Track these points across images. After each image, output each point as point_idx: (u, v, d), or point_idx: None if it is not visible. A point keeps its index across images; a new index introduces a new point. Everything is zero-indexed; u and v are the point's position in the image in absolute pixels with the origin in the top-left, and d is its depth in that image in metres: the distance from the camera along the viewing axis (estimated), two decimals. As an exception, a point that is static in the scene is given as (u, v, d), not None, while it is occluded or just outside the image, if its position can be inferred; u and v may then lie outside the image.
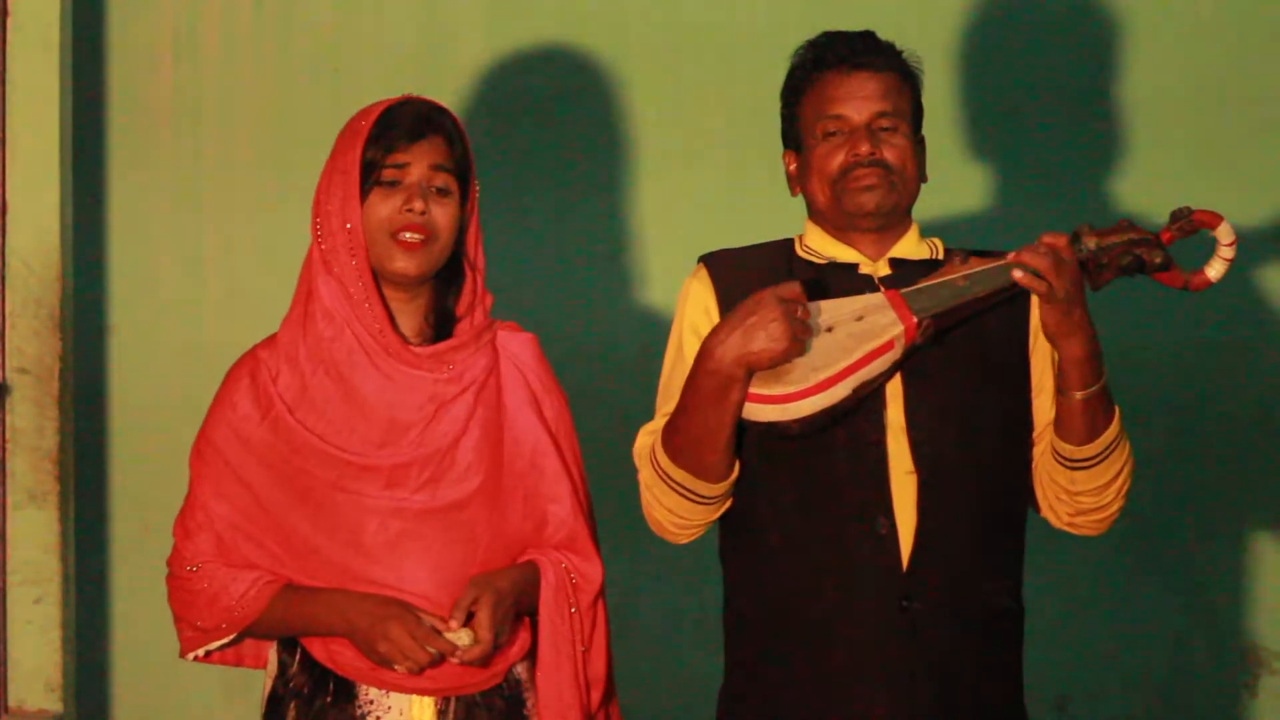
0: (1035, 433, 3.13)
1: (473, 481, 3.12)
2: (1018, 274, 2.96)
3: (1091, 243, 3.03)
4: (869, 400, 3.04)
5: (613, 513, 3.45)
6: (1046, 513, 3.15)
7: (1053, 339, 3.01)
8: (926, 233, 3.20)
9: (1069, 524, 3.15)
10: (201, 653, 3.18)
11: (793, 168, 3.20)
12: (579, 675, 3.15)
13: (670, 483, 3.05)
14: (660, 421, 3.12)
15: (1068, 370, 3.02)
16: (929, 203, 3.33)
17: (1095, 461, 3.05)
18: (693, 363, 3.02)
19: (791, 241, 3.21)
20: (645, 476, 3.10)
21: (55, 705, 4.19)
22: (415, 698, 3.10)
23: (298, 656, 3.13)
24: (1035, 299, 3.10)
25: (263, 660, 3.21)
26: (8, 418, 4.21)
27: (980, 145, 4.61)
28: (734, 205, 4.61)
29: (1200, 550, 4.71)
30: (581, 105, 4.64)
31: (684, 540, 3.15)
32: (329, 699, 3.11)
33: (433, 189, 3.10)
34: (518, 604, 3.12)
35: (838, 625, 3.07)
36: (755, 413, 2.99)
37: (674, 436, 3.04)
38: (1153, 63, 4.69)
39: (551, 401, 3.23)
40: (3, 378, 4.21)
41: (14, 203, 4.23)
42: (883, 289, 3.09)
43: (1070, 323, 2.99)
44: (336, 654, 3.10)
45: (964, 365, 3.09)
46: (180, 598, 3.16)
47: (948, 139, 4.56)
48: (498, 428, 3.16)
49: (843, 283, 3.11)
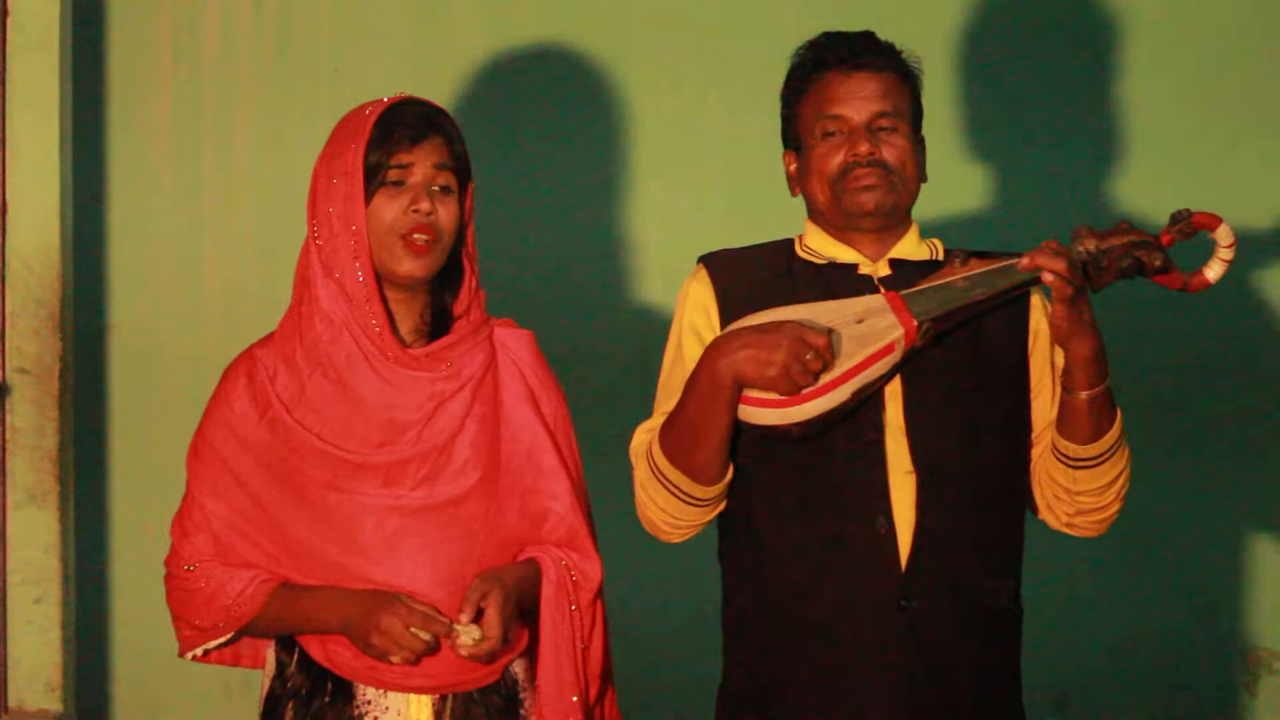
0: (1034, 434, 3.13)
1: (470, 477, 3.11)
2: (1048, 277, 2.95)
3: (1091, 245, 3.03)
4: (868, 401, 3.04)
5: (612, 511, 3.45)
6: (1045, 513, 3.15)
7: (1063, 339, 3.01)
8: (926, 233, 3.20)
9: (1068, 524, 3.14)
10: (200, 652, 3.18)
11: (792, 168, 3.20)
12: (579, 673, 3.15)
13: (665, 482, 3.06)
14: (658, 420, 3.12)
15: (1075, 370, 3.02)
16: (929, 203, 3.33)
17: (1098, 461, 3.05)
18: (696, 363, 3.03)
19: (791, 242, 3.21)
20: (640, 475, 3.10)
21: (55, 705, 4.19)
22: (413, 697, 3.09)
23: (295, 656, 3.13)
24: (1034, 300, 3.11)
25: (261, 660, 3.21)
26: (8, 418, 4.21)
27: (980, 145, 4.61)
28: (734, 205, 4.60)
29: (1200, 550, 4.70)
30: (581, 105, 4.63)
31: (676, 539, 3.15)
32: (327, 699, 3.10)
33: (436, 188, 3.11)
34: (519, 602, 3.12)
35: (837, 625, 3.06)
36: (755, 416, 3.00)
37: (671, 435, 3.04)
38: (1153, 63, 4.69)
39: (549, 398, 3.22)
40: (3, 378, 4.21)
41: (14, 203, 4.23)
42: (883, 291, 3.09)
43: (1080, 323, 2.98)
44: (334, 654, 3.09)
45: (963, 366, 3.09)
46: (178, 597, 3.16)
47: (948, 139, 4.55)
48: (495, 424, 3.15)
49: (842, 283, 3.11)
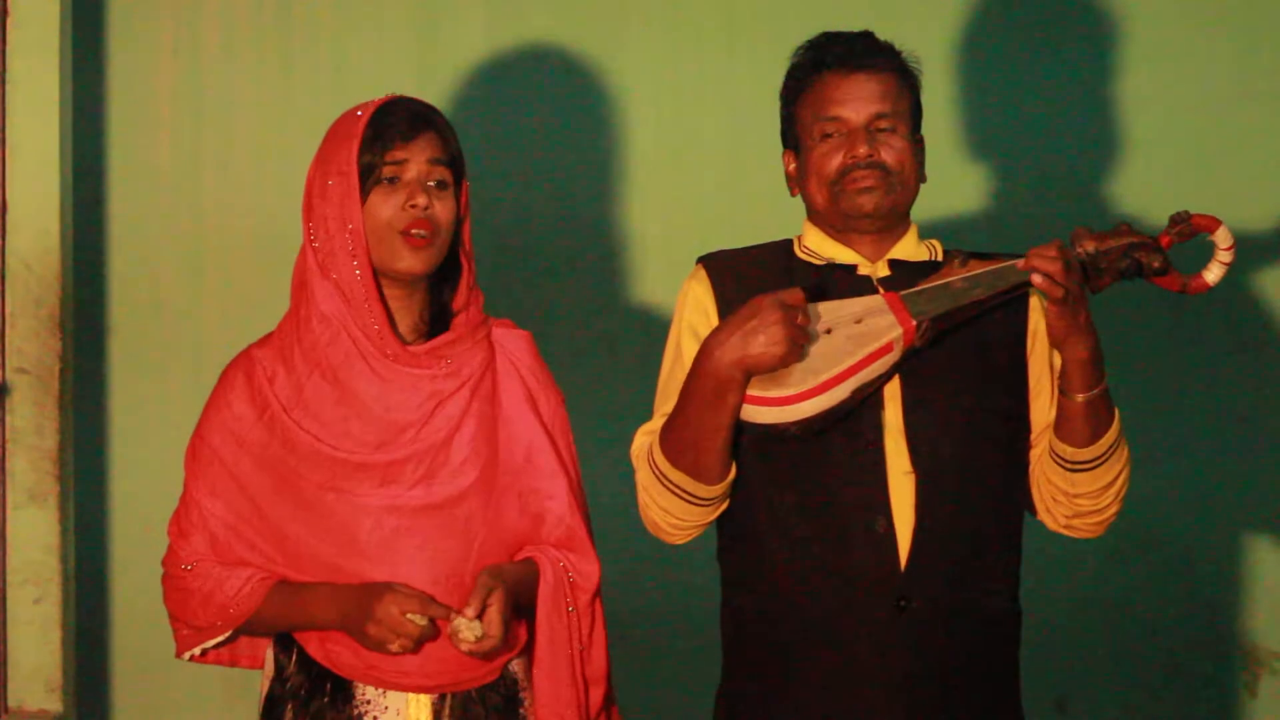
0: (1033, 435, 3.13)
1: (468, 477, 3.11)
2: (1037, 279, 2.95)
3: (1090, 246, 3.03)
4: (867, 401, 3.04)
5: (611, 512, 3.45)
6: (1043, 515, 3.15)
7: (1059, 341, 3.00)
8: (925, 233, 3.20)
9: (1065, 526, 3.14)
10: (198, 651, 3.18)
11: (791, 168, 3.20)
12: (576, 674, 3.15)
13: (667, 483, 3.05)
14: (658, 422, 3.12)
15: (1071, 372, 3.01)
16: (928, 203, 3.33)
17: (1095, 464, 3.05)
18: (692, 364, 3.03)
19: (790, 242, 3.21)
20: (642, 477, 3.10)
21: (55, 705, 4.19)
22: (412, 696, 3.10)
23: (294, 657, 3.13)
24: (1033, 301, 3.11)
25: (259, 660, 3.21)
26: (8, 418, 4.21)
27: (979, 146, 4.61)
28: (733, 205, 4.60)
29: (1200, 550, 4.70)
30: (581, 104, 4.63)
31: (679, 541, 3.15)
32: (326, 699, 3.11)
33: (431, 183, 3.11)
34: (516, 600, 3.12)
35: (836, 625, 3.07)
36: (754, 415, 3.00)
37: (671, 437, 3.04)
38: (1152, 63, 4.69)
39: (547, 398, 3.23)
40: (3, 378, 4.21)
41: (14, 203, 4.23)
42: (882, 291, 3.09)
43: (1076, 325, 2.98)
44: (333, 653, 3.09)
45: (962, 367, 3.09)
46: (175, 597, 3.16)
47: (947, 139, 4.55)
48: (493, 424, 3.16)
49: (842, 284, 3.11)
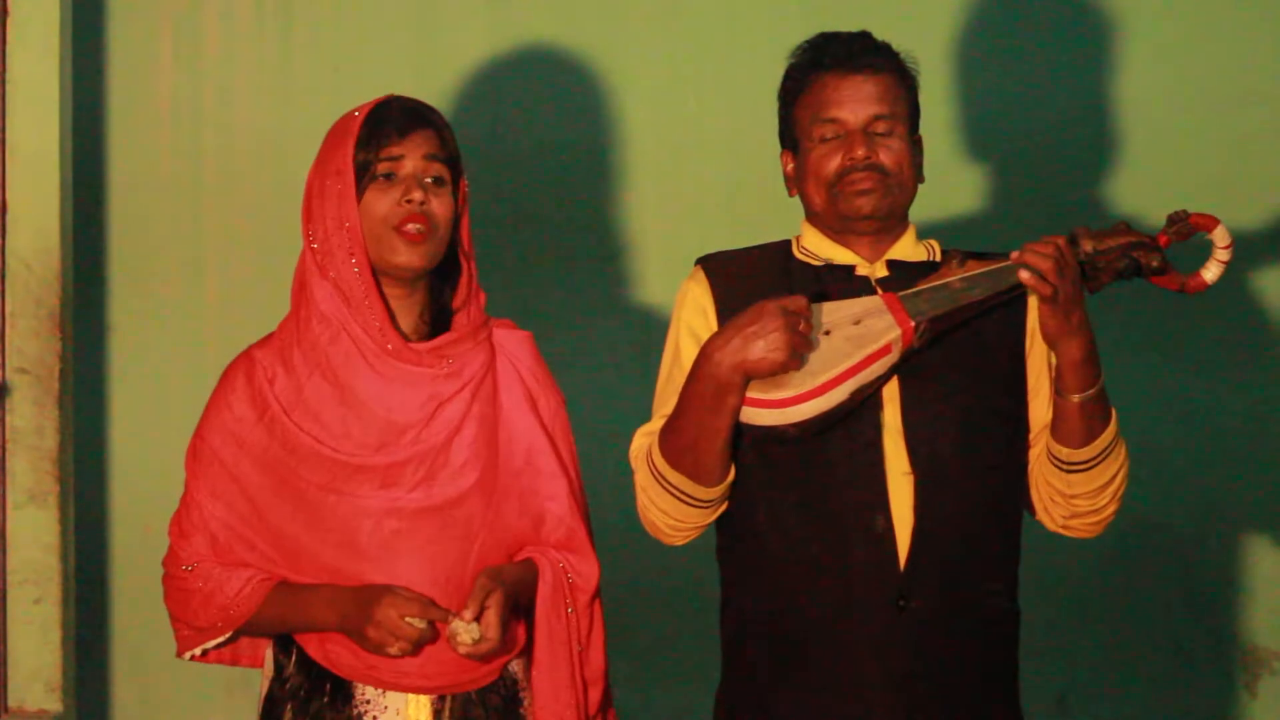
0: (1031, 434, 3.13)
1: (468, 479, 3.11)
2: (1024, 274, 2.96)
3: (1089, 246, 3.03)
4: (866, 402, 3.04)
5: (611, 513, 3.45)
6: (1042, 515, 3.15)
7: (1052, 341, 3.00)
8: (924, 234, 3.19)
9: (1063, 526, 3.14)
10: (198, 651, 3.19)
11: (789, 168, 3.20)
12: (575, 675, 3.16)
13: (666, 485, 3.05)
14: (657, 423, 3.12)
15: (1066, 373, 3.01)
16: (926, 203, 3.32)
17: (1091, 465, 3.05)
18: (692, 366, 3.03)
19: (789, 243, 3.20)
20: (641, 478, 3.10)
21: (55, 705, 4.19)
22: (412, 697, 3.10)
23: (294, 657, 3.13)
24: (1032, 301, 3.10)
25: (260, 659, 3.21)
26: (8, 418, 4.21)
27: (977, 146, 4.61)
28: (733, 206, 4.60)
29: (1200, 550, 4.70)
30: (580, 106, 4.63)
31: (678, 542, 3.15)
32: (325, 699, 3.11)
33: (428, 180, 3.11)
34: (514, 602, 3.12)
35: (836, 625, 3.06)
36: (753, 417, 2.99)
37: (671, 439, 3.04)
38: (1150, 63, 4.68)
39: (547, 399, 3.23)
40: (3, 378, 4.21)
41: (14, 203, 4.22)
42: (880, 292, 3.09)
43: (1070, 325, 2.98)
44: (333, 654, 3.10)
45: (960, 367, 3.09)
46: (176, 597, 3.16)
47: (944, 139, 4.55)
48: (494, 425, 3.16)
49: (840, 284, 3.11)
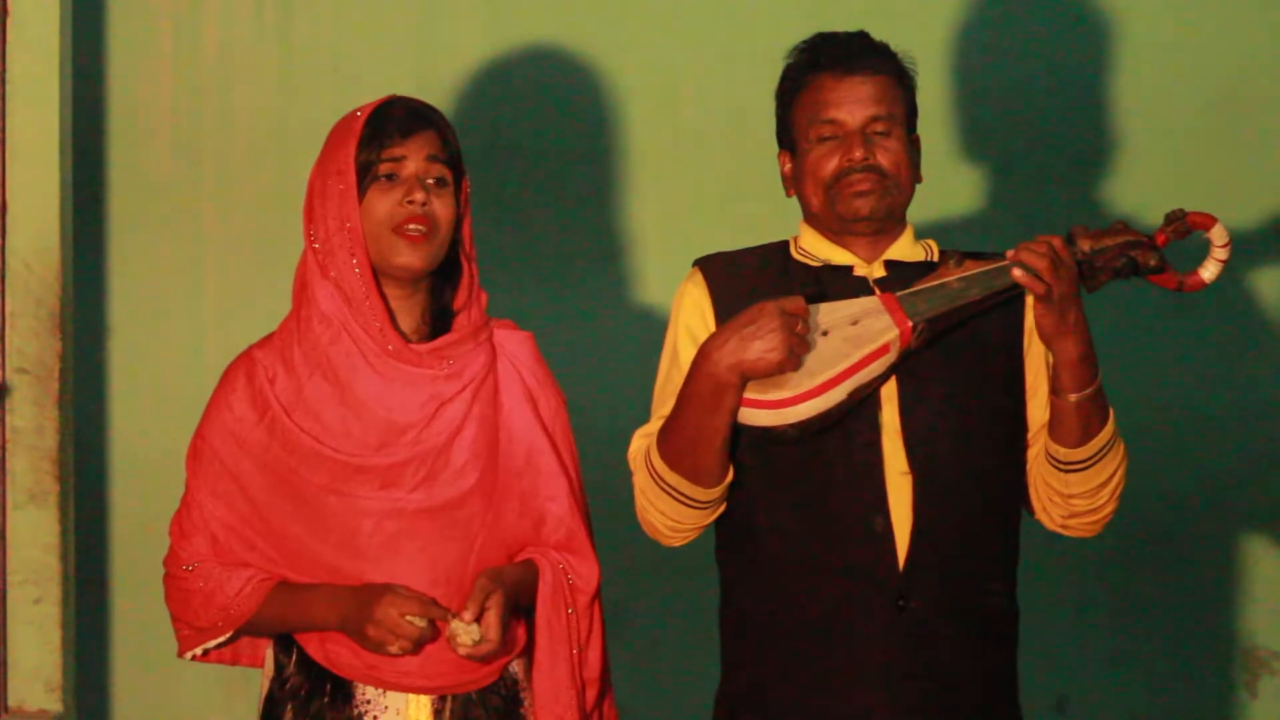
0: (1030, 434, 3.13)
1: (469, 479, 3.12)
2: (1017, 273, 2.96)
3: (1086, 245, 3.03)
4: (864, 402, 3.04)
5: (611, 513, 3.45)
6: (1040, 514, 3.15)
7: (1048, 341, 3.00)
8: (921, 234, 3.19)
9: (1062, 526, 3.14)
10: (199, 651, 3.19)
11: (787, 168, 3.20)
12: (575, 675, 3.16)
13: (664, 486, 3.05)
14: (655, 425, 3.12)
15: (1062, 372, 3.01)
16: (923, 204, 3.32)
17: (1089, 464, 3.05)
18: (690, 366, 3.03)
19: (786, 244, 3.20)
20: (640, 480, 3.10)
21: (55, 705, 4.19)
22: (412, 697, 3.10)
23: (294, 657, 3.13)
24: (1030, 300, 3.10)
25: (260, 659, 3.22)
26: (8, 418, 4.21)
27: (975, 145, 4.60)
28: (733, 206, 4.60)
29: (1200, 550, 4.70)
30: (580, 106, 4.63)
31: (677, 543, 3.15)
32: (326, 699, 3.11)
33: (430, 181, 3.11)
34: (515, 602, 3.12)
35: (835, 625, 3.07)
36: (751, 417, 3.00)
37: (669, 440, 3.04)
38: (1148, 63, 4.68)
39: (548, 400, 3.23)
40: (3, 378, 4.21)
41: (14, 203, 4.22)
42: (878, 292, 3.09)
43: (1066, 324, 2.98)
44: (333, 653, 3.10)
45: (958, 367, 3.09)
46: (177, 597, 3.17)
47: (942, 139, 4.55)
48: (494, 426, 3.16)
49: (837, 285, 3.11)
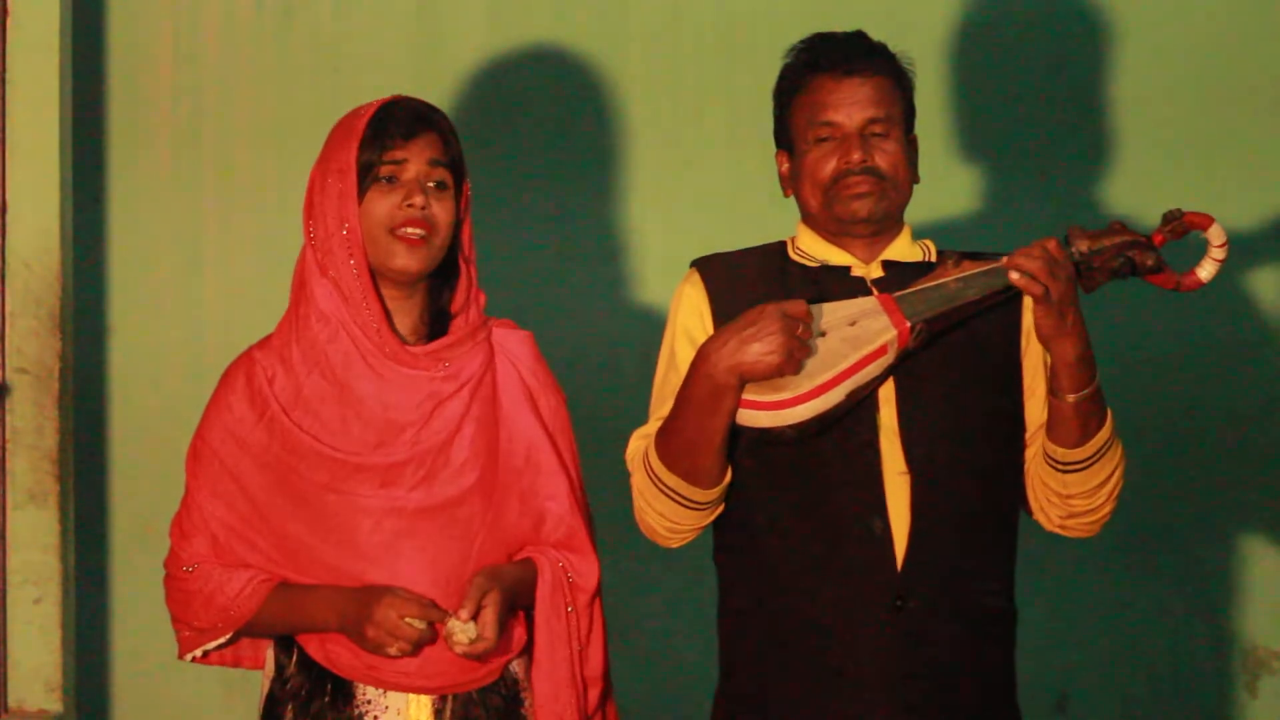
0: (1028, 434, 3.12)
1: (468, 478, 3.11)
2: (1014, 276, 2.96)
3: (1083, 245, 3.03)
4: (862, 402, 3.04)
5: (611, 513, 3.45)
6: (1038, 515, 3.15)
7: (1046, 342, 3.00)
8: (919, 234, 3.19)
9: (1060, 526, 3.14)
10: (199, 653, 3.19)
11: (785, 168, 3.20)
12: (575, 675, 3.16)
13: (662, 487, 3.05)
14: (653, 426, 3.11)
15: (1060, 373, 3.01)
16: (921, 204, 3.32)
17: (1087, 464, 3.05)
18: (689, 367, 3.02)
19: (784, 244, 3.20)
20: (638, 481, 3.10)
21: (55, 705, 4.19)
22: (412, 696, 3.10)
23: (295, 657, 3.13)
24: (1028, 301, 3.10)
25: (261, 661, 3.22)
26: (8, 418, 4.21)
27: (972, 145, 4.60)
28: (733, 206, 4.60)
29: (1200, 550, 4.70)
30: (580, 106, 4.63)
31: (675, 544, 3.15)
32: (326, 699, 3.11)
33: (430, 184, 3.11)
34: (514, 602, 3.12)
35: (833, 625, 3.06)
36: (749, 419, 2.99)
37: (667, 441, 3.04)
38: (1145, 63, 4.68)
39: (548, 398, 3.23)
40: (3, 378, 4.21)
41: (14, 203, 4.23)
42: (876, 293, 3.09)
43: (1064, 325, 2.98)
44: (334, 654, 3.10)
45: (956, 367, 3.09)
46: (177, 598, 3.17)
47: (940, 139, 4.55)
48: (493, 424, 3.16)
49: (835, 285, 3.11)
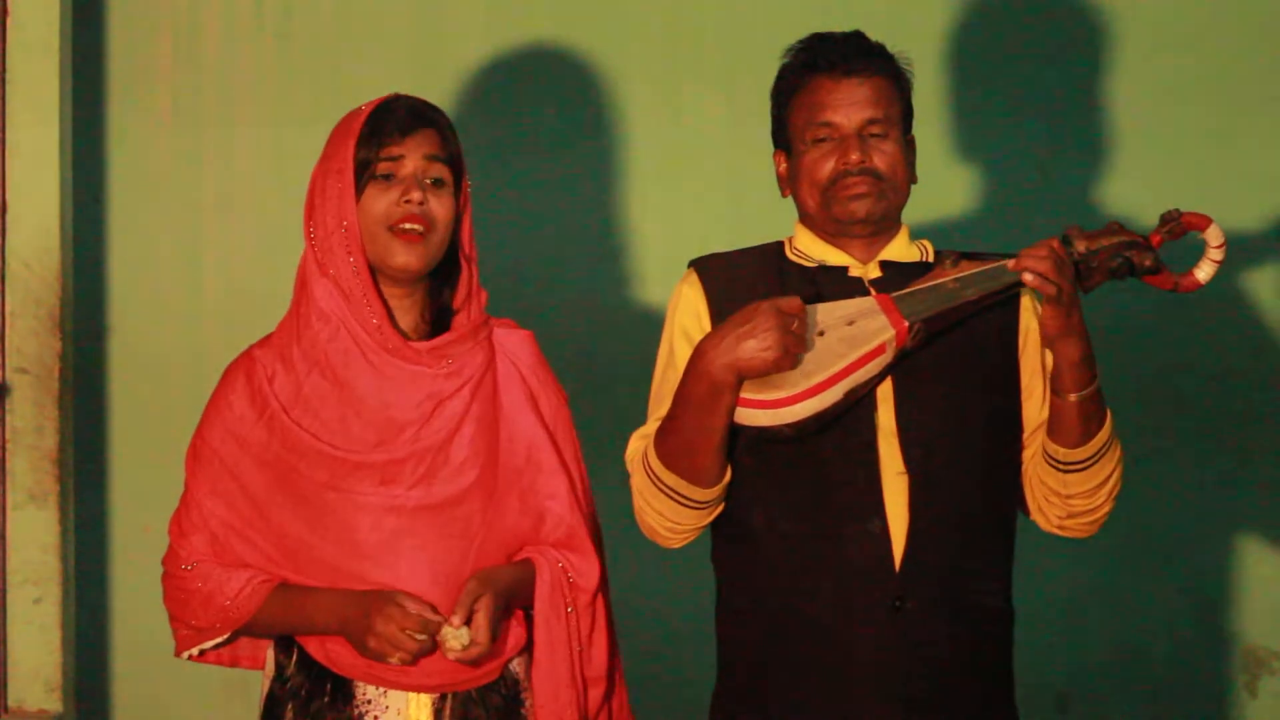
0: (1025, 435, 3.13)
1: (468, 477, 3.11)
2: (1027, 277, 2.96)
3: (1081, 246, 3.03)
4: (860, 402, 3.04)
5: (611, 512, 3.45)
6: (1036, 515, 3.15)
7: (1051, 341, 3.00)
8: (917, 234, 3.19)
9: (1059, 526, 3.14)
10: (196, 652, 3.18)
11: (782, 168, 3.20)
12: (575, 674, 3.15)
13: (662, 487, 3.05)
14: (652, 426, 3.11)
15: (1063, 372, 3.01)
16: (919, 204, 3.32)
17: (1088, 464, 3.05)
18: (686, 365, 3.02)
19: (782, 244, 3.20)
20: (637, 481, 3.10)
21: (55, 705, 4.20)
22: (412, 696, 3.10)
23: (294, 657, 3.13)
24: (1025, 301, 3.11)
25: (260, 662, 3.21)
26: (8, 418, 4.22)
27: (970, 146, 4.60)
28: (733, 206, 4.60)
29: (1199, 550, 4.70)
30: (581, 105, 4.63)
31: (675, 544, 3.15)
32: (326, 699, 3.11)
33: (428, 180, 3.10)
34: (512, 603, 3.12)
35: (831, 625, 3.07)
36: (748, 417, 2.99)
37: (666, 441, 3.04)
38: (1143, 64, 4.68)
39: (548, 398, 3.22)
40: (3, 378, 4.22)
41: (14, 203, 4.23)
42: (874, 293, 3.09)
43: (1069, 325, 2.98)
44: (333, 653, 3.10)
45: (954, 367, 3.09)
46: (175, 597, 3.16)
47: (937, 139, 4.55)
48: (494, 424, 3.15)
49: (833, 285, 3.11)
